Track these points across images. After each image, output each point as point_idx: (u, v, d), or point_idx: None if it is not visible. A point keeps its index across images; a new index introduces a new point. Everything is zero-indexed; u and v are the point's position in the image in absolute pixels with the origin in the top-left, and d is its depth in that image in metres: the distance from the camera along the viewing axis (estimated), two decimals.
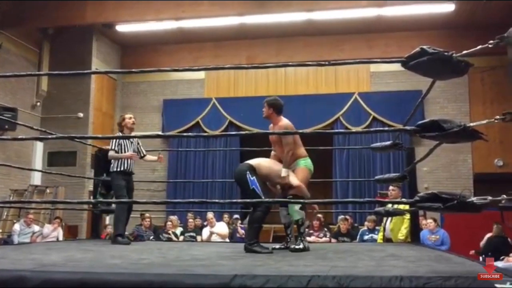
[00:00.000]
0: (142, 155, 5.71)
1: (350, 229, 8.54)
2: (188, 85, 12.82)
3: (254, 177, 4.09)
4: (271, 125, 4.46)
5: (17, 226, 9.06)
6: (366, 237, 7.65)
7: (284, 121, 4.36)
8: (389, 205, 5.23)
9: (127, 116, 5.55)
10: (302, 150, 4.41)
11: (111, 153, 5.35)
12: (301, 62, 10.33)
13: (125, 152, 5.36)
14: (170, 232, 8.91)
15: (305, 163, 4.36)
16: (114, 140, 5.46)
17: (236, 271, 2.32)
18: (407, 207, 5.05)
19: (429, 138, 2.45)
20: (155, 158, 5.89)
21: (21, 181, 10.93)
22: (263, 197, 4.02)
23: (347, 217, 8.74)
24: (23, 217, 9.33)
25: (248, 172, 4.12)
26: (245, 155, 12.87)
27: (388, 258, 3.40)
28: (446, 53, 2.33)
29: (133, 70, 3.08)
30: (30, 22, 10.97)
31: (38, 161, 11.36)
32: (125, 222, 5.48)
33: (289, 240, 4.34)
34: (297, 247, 4.06)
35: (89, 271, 2.41)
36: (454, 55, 2.34)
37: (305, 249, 4.06)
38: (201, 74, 12.63)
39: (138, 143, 5.65)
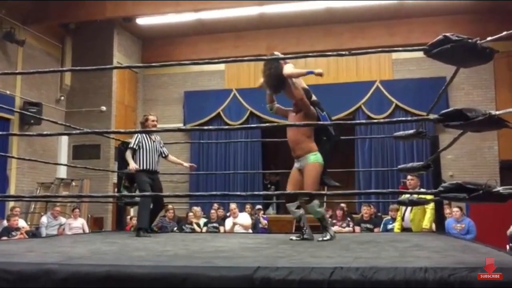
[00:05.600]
0: (164, 155, 5.72)
1: (373, 216, 8.51)
2: (208, 76, 12.84)
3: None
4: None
5: (44, 219, 9.26)
6: (390, 226, 7.59)
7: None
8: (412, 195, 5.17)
9: (151, 117, 5.58)
10: (313, 144, 4.31)
11: (127, 152, 5.43)
12: (321, 50, 10.24)
13: (144, 151, 5.38)
14: (193, 223, 9.00)
15: (316, 158, 4.25)
16: (134, 138, 5.47)
17: (259, 262, 2.33)
18: (431, 196, 4.99)
19: (453, 127, 2.41)
20: (182, 162, 5.92)
21: (48, 174, 11.16)
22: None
23: (370, 205, 8.71)
24: (50, 210, 9.54)
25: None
26: (266, 146, 12.92)
27: (412, 248, 3.36)
28: (470, 40, 2.27)
29: (154, 64, 3.11)
30: (52, 18, 11.13)
31: (64, 154, 11.57)
32: (152, 216, 5.55)
33: (304, 232, 4.33)
34: (325, 239, 4.14)
35: (114, 264, 2.44)
36: (478, 42, 2.28)
37: (332, 238, 4.17)
38: (221, 66, 12.62)
39: (160, 143, 5.66)
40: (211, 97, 12.56)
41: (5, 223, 8.02)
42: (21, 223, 8.37)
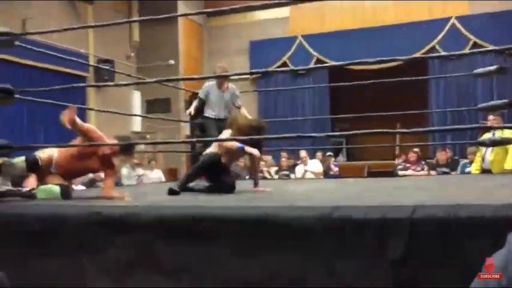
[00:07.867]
0: (237, 105, 5.71)
1: (449, 160, 8.22)
2: (273, 24, 12.62)
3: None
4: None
5: (124, 170, 9.74)
6: (468, 169, 7.30)
7: None
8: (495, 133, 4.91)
9: (218, 69, 5.61)
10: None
11: (195, 101, 5.70)
12: None
13: (211, 101, 5.52)
14: (264, 171, 9.14)
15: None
16: (203, 89, 5.66)
17: (336, 203, 2.32)
18: None
19: None
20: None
21: (123, 128, 11.64)
22: None
23: (446, 149, 8.41)
24: (129, 162, 10.00)
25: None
26: (334, 92, 12.68)
27: (495, 187, 3.23)
28: None
29: (222, 8, 3.08)
30: None
31: (137, 109, 12.00)
32: None
33: None
34: None
35: (198, 205, 2.54)
36: None
37: None
38: (285, 12, 12.36)
39: (232, 94, 5.67)
40: (277, 45, 12.38)
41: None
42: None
